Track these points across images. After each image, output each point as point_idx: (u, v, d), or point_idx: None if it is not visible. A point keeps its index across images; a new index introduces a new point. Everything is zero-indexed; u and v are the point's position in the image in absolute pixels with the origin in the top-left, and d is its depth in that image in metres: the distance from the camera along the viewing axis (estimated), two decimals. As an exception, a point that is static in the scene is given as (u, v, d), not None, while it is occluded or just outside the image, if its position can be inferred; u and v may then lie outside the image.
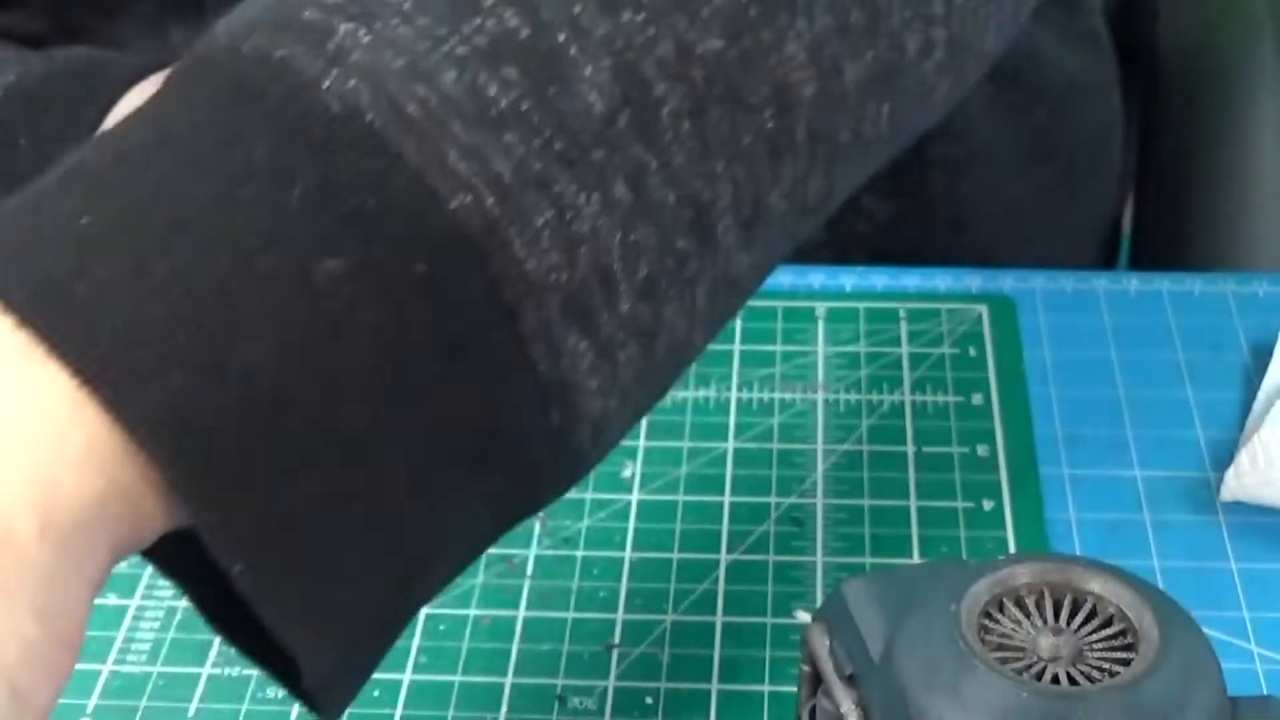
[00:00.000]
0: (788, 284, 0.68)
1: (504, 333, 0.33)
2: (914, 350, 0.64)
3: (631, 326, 0.35)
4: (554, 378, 0.34)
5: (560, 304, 0.33)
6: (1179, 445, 0.59)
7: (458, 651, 0.53)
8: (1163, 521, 0.56)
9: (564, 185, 0.33)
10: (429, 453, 0.33)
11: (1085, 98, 0.83)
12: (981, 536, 0.56)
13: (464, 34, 0.33)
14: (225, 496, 0.30)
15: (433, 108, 0.32)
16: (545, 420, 0.34)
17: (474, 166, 0.32)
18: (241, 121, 0.32)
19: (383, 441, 0.32)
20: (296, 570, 0.32)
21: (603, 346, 0.35)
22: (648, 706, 0.51)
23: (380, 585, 0.34)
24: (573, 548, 0.56)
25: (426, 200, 0.32)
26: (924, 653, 0.34)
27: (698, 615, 0.54)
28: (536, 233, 0.33)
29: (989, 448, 0.59)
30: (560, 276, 0.33)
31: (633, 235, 0.35)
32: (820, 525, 0.57)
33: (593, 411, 0.35)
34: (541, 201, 0.33)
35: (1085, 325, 0.65)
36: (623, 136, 0.34)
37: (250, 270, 0.31)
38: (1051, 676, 0.33)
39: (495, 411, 0.34)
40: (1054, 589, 0.35)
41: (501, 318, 0.33)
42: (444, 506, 0.34)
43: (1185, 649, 0.34)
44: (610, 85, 0.34)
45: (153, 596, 0.55)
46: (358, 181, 0.32)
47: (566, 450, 0.36)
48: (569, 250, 0.33)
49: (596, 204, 0.34)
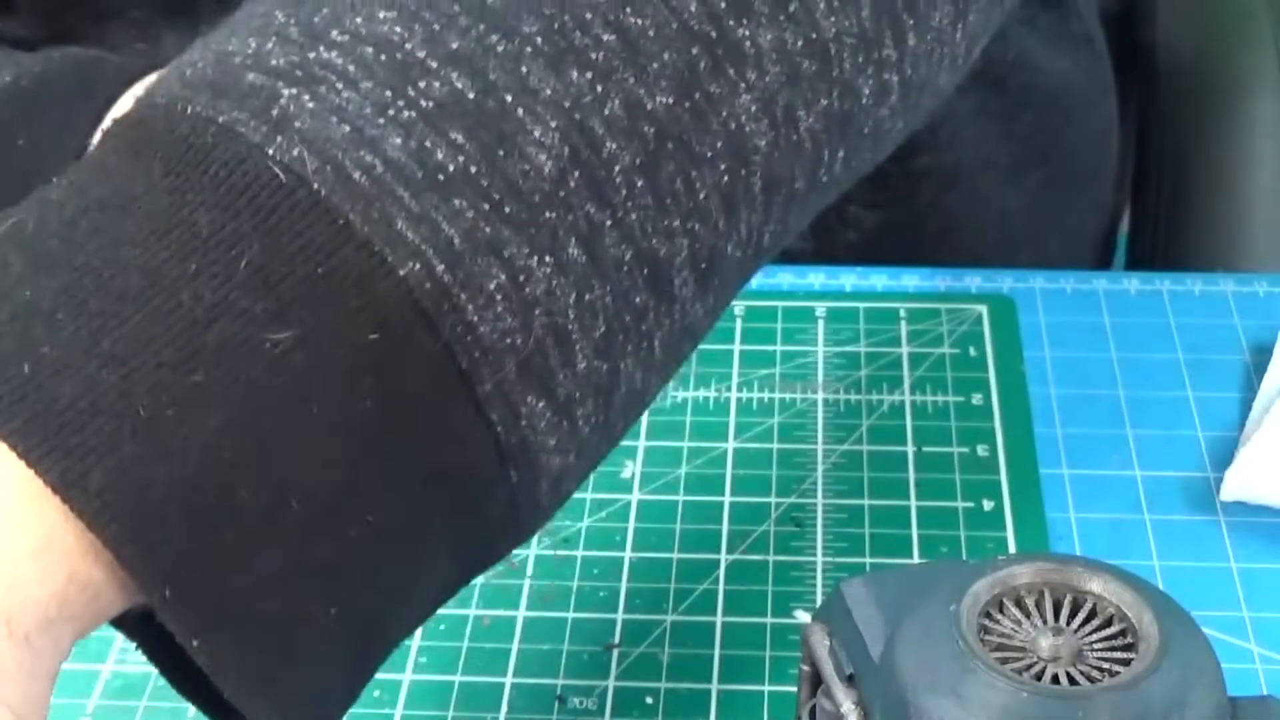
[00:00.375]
0: (787, 284, 0.68)
1: (460, 398, 0.32)
2: (914, 350, 0.64)
3: (589, 384, 0.35)
4: (512, 439, 0.34)
5: (517, 367, 0.33)
6: (1179, 445, 0.59)
7: (458, 651, 0.53)
8: (1163, 521, 0.56)
9: (515, 248, 0.33)
10: (387, 519, 0.32)
11: (1078, 103, 0.83)
12: (981, 536, 0.56)
13: (409, 97, 0.33)
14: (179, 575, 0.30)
15: (379, 174, 0.32)
16: (505, 480, 0.34)
17: (423, 233, 0.32)
18: (186, 189, 0.31)
19: (340, 510, 0.32)
20: (255, 643, 0.31)
21: (560, 406, 0.34)
22: (648, 706, 0.51)
23: (342, 650, 0.33)
24: (573, 548, 0.56)
25: (376, 268, 0.31)
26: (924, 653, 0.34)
27: (698, 615, 0.54)
28: (489, 297, 0.32)
29: (989, 448, 0.59)
30: (515, 340, 0.33)
31: (588, 295, 0.34)
32: (820, 525, 0.57)
33: (552, 468, 0.35)
34: (493, 266, 0.32)
35: (1085, 325, 0.65)
36: (574, 196, 0.34)
37: (201, 343, 0.30)
38: (1051, 676, 0.33)
39: (454, 475, 0.33)
40: (1054, 589, 0.35)
41: (457, 383, 0.32)
42: (403, 570, 0.34)
43: (1185, 649, 0.34)
44: (559, 145, 0.33)
45: (152, 596, 0.55)
46: (305, 251, 0.31)
47: (525, 506, 0.35)
48: (523, 313, 0.33)
49: (550, 266, 0.33)
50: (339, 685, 0.34)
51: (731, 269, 0.38)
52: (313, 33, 0.34)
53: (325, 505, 0.31)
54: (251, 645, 0.31)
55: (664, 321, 0.36)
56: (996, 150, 0.78)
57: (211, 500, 0.30)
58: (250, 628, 0.31)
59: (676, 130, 0.35)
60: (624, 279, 0.35)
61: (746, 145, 0.37)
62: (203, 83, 0.33)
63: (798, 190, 0.39)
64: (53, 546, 0.30)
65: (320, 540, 0.32)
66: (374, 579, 0.33)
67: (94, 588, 0.30)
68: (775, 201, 0.38)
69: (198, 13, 0.63)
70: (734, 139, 0.36)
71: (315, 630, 0.32)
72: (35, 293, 0.31)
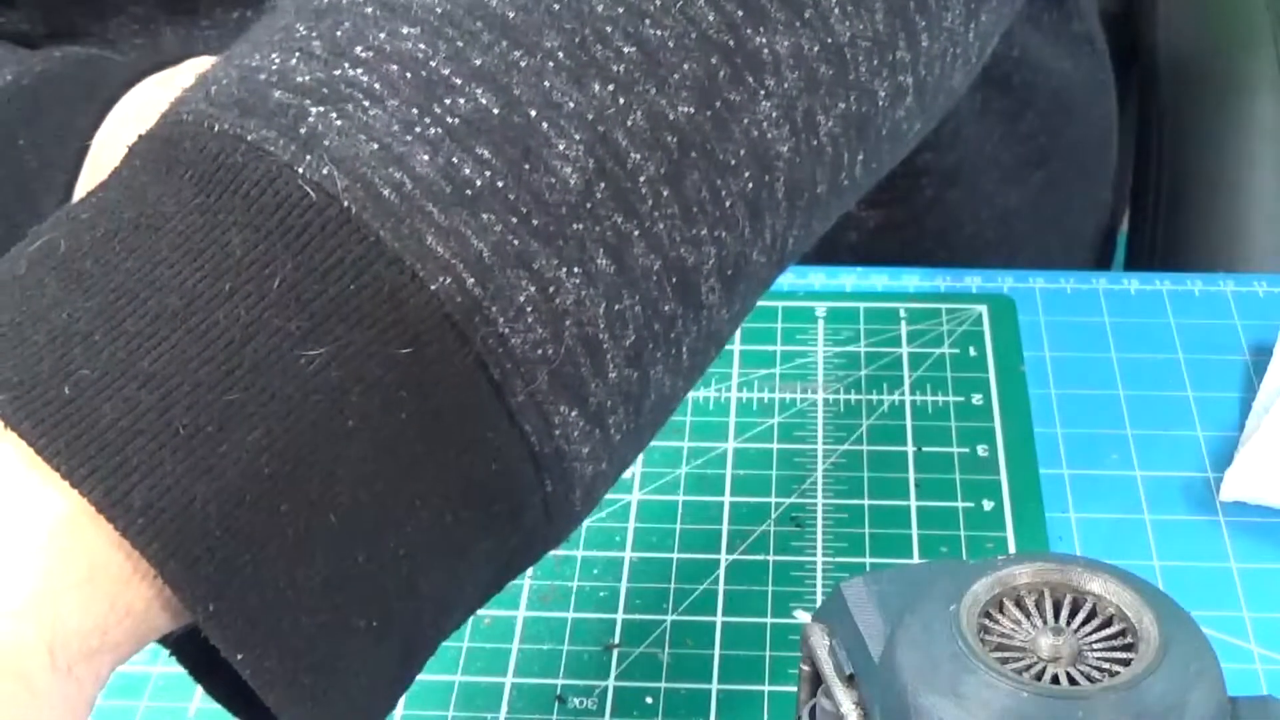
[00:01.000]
0: (787, 284, 0.68)
1: (494, 409, 0.33)
2: (914, 350, 0.64)
3: (620, 392, 0.35)
4: (546, 449, 0.34)
5: (549, 377, 0.33)
6: (1179, 445, 0.59)
7: (458, 651, 0.53)
8: (1163, 521, 0.56)
9: (544, 260, 0.33)
10: (425, 530, 0.33)
11: (1079, 102, 0.83)
12: (981, 536, 0.56)
13: (435, 114, 0.33)
14: (222, 590, 0.30)
15: (408, 191, 0.32)
16: (540, 489, 0.34)
17: (453, 247, 0.32)
18: (218, 208, 0.32)
19: (378, 523, 0.32)
20: (299, 655, 0.32)
21: (592, 414, 0.35)
22: (648, 706, 0.51)
23: (384, 659, 0.34)
24: (573, 548, 0.56)
25: (407, 283, 0.32)
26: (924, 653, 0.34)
27: (698, 615, 0.54)
28: (520, 309, 0.33)
29: (989, 448, 0.59)
30: (547, 350, 0.33)
31: (617, 305, 0.34)
32: (820, 525, 0.57)
33: (585, 476, 0.35)
34: (522, 278, 0.33)
35: (1085, 325, 0.65)
36: (601, 207, 0.34)
37: (237, 361, 0.31)
38: (1051, 676, 0.33)
39: (489, 486, 0.33)
40: (1054, 589, 0.35)
41: (490, 395, 0.33)
42: (441, 579, 0.34)
43: (1185, 649, 0.34)
44: (584, 158, 0.34)
45: (152, 596, 0.55)
46: (337, 268, 0.31)
47: (560, 514, 0.36)
48: (554, 324, 0.33)
49: (579, 277, 0.34)
50: (380, 693, 0.34)
51: (757, 275, 0.39)
52: (336, 49, 0.34)
53: (364, 518, 0.32)
54: (295, 657, 0.31)
55: (692, 328, 0.37)
56: (999, 149, 0.78)
57: (252, 516, 0.30)
58: (294, 640, 0.31)
59: (699, 139, 0.35)
60: (653, 288, 0.35)
61: (769, 152, 0.37)
62: (229, 100, 0.33)
63: (820, 195, 0.39)
64: (96, 576, 0.30)
65: (360, 552, 0.32)
66: (413, 588, 0.33)
67: (136, 615, 0.31)
68: (798, 206, 0.39)
69: (197, 9, 0.63)
70: (756, 146, 0.37)
71: (357, 641, 0.33)
72: (72, 314, 0.31)
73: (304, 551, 0.31)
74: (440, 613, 0.35)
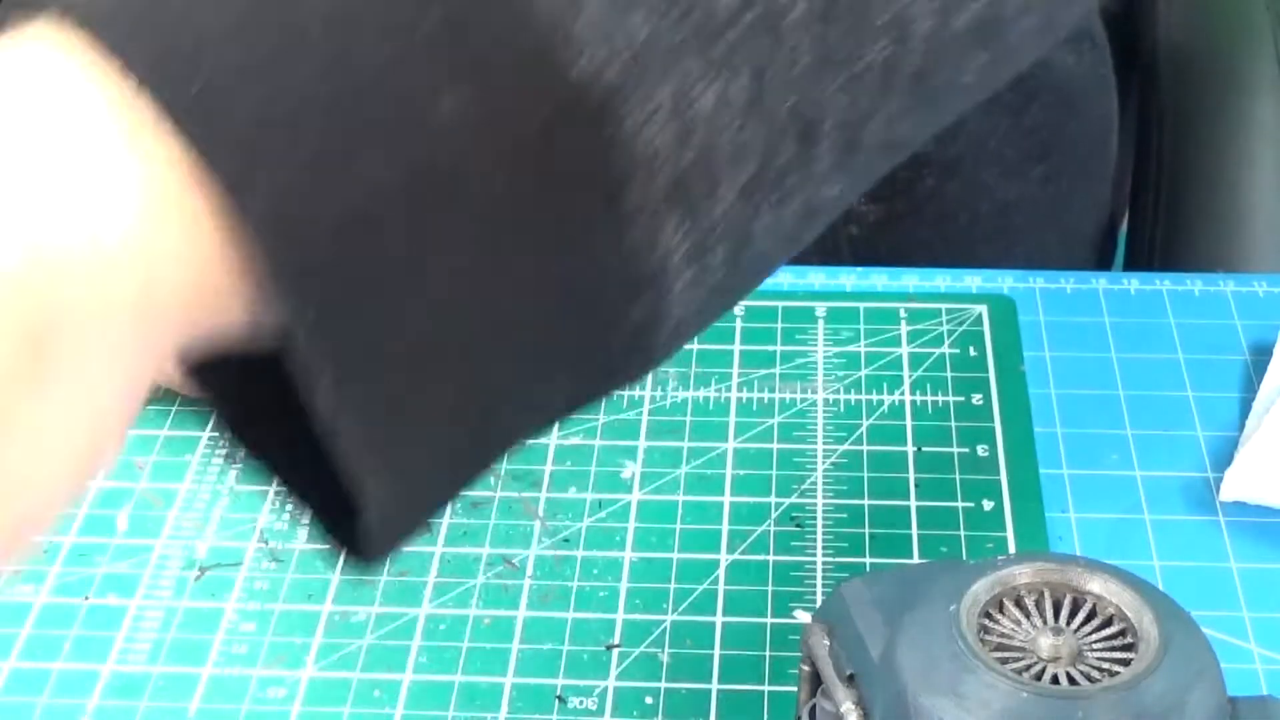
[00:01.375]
0: (788, 284, 0.68)
1: (606, 207, 0.33)
2: (914, 350, 0.64)
3: (725, 228, 0.35)
4: (645, 269, 0.34)
5: (664, 186, 0.33)
6: (1179, 445, 0.59)
7: (458, 651, 0.53)
8: (1163, 521, 0.56)
9: (689, 65, 0.33)
10: (514, 315, 0.33)
11: (1080, 98, 0.83)
12: (981, 536, 0.56)
13: None
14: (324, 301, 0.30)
15: None
16: (629, 312, 0.35)
17: (604, 32, 0.32)
18: None
19: (471, 291, 0.32)
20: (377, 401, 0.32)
21: (696, 243, 0.35)
22: (648, 706, 0.51)
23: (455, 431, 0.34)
24: (573, 548, 0.56)
25: (551, 58, 0.32)
26: (924, 653, 0.34)
27: (698, 615, 0.54)
28: (654, 109, 0.33)
29: (989, 448, 0.59)
30: (668, 156, 0.33)
31: (744, 134, 0.35)
32: (820, 525, 0.57)
33: (673, 313, 0.35)
34: (665, 79, 0.33)
35: (1085, 325, 0.65)
36: (749, 30, 0.34)
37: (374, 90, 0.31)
38: (1051, 676, 0.33)
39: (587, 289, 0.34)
40: (1054, 589, 0.35)
41: (606, 191, 0.33)
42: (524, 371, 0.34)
43: (1185, 649, 0.34)
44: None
45: (153, 596, 0.55)
46: (486, 29, 0.31)
47: (645, 346, 0.36)
48: (682, 133, 0.33)
49: (716, 94, 0.34)
50: (443, 472, 0.35)
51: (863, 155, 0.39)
52: None
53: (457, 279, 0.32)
54: (374, 401, 0.31)
55: (800, 187, 0.37)
56: (1002, 143, 0.78)
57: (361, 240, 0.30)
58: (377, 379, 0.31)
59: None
60: (778, 127, 0.35)
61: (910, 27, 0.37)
62: None
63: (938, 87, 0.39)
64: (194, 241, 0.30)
65: (453, 316, 0.32)
66: (497, 370, 0.33)
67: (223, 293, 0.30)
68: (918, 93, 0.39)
69: None
70: (900, 17, 0.37)
71: (435, 405, 0.33)
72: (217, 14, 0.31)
73: (406, 297, 0.31)
74: (515, 408, 0.35)
